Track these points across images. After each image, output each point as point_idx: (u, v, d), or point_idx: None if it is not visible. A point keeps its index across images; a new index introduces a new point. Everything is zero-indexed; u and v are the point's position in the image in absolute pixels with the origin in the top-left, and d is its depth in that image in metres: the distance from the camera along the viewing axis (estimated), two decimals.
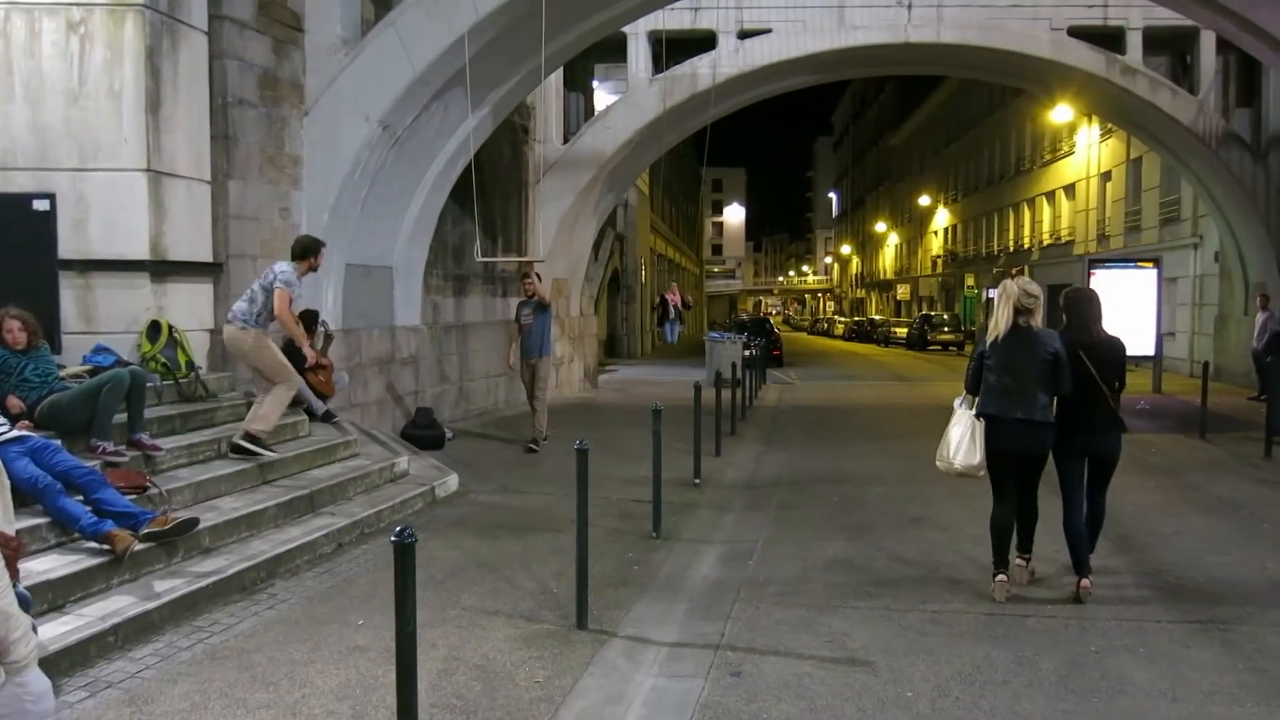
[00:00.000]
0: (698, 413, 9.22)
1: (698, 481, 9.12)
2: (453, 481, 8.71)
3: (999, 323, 5.60)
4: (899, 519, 7.90)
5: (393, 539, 3.36)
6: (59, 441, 5.82)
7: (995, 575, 5.73)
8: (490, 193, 15.00)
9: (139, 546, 5.36)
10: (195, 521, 5.76)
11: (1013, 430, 5.59)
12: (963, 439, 5.77)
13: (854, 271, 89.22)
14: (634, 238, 35.29)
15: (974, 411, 5.75)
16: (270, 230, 9.24)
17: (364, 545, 6.79)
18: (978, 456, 5.71)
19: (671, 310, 23.50)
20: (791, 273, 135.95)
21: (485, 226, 14.77)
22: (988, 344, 5.66)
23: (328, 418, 9.20)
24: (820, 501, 8.64)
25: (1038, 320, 5.61)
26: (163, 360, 7.83)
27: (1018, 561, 5.93)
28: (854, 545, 7.02)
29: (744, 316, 50.39)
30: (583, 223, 18.47)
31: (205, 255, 8.70)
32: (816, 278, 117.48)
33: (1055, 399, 5.58)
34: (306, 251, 7.50)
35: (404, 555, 3.36)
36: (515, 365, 10.91)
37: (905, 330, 46.33)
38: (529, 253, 16.46)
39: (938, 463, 5.93)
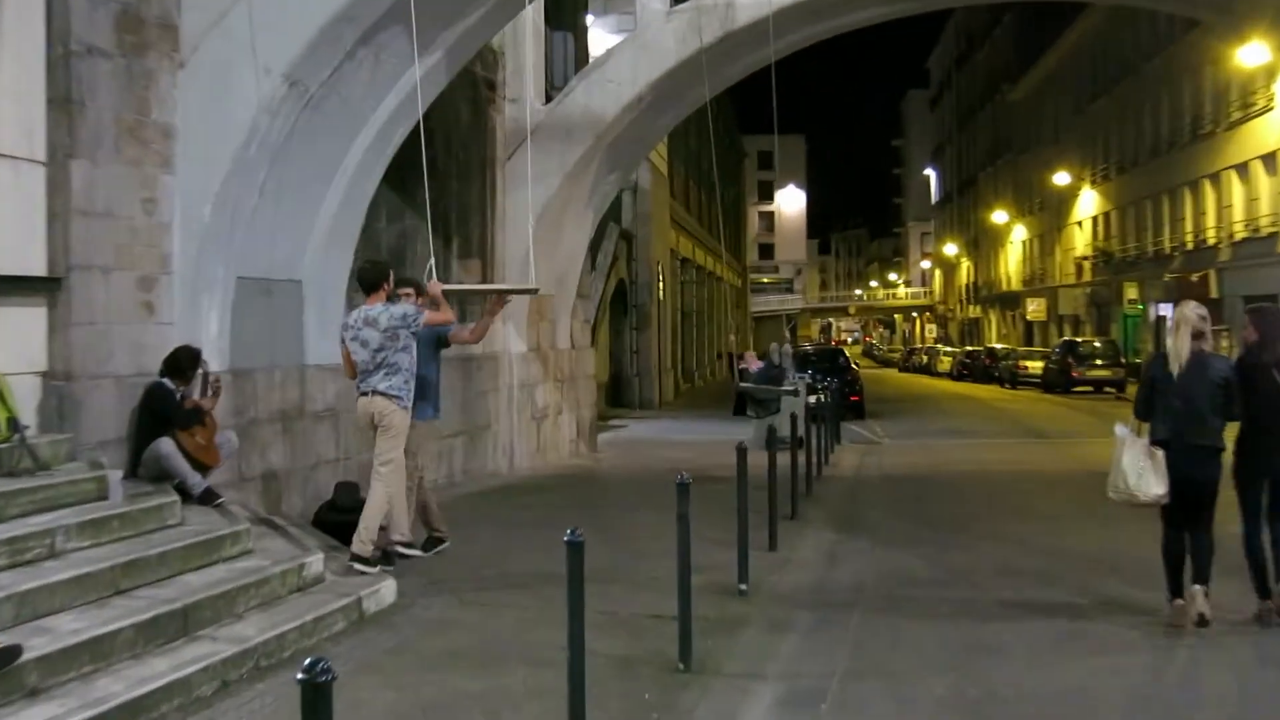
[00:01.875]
0: (743, 487, 9.17)
1: (744, 588, 9.06)
2: (388, 590, 8.64)
3: (1180, 350, 7.73)
4: (1039, 638, 7.83)
5: (300, 677, 3.29)
6: None
7: (1173, 600, 7.85)
8: (442, 174, 15.08)
9: None
10: (18, 650, 5.70)
11: (1188, 456, 7.70)
12: (1143, 468, 7.72)
13: (963, 281, 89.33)
14: (647, 235, 35.49)
15: (1146, 439, 7.80)
16: (129, 231, 9.27)
17: (260, 684, 6.70)
18: (1163, 486, 7.68)
19: (752, 368, 21.24)
20: (874, 283, 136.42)
21: (436, 223, 14.82)
22: (1166, 371, 7.78)
23: (208, 498, 9.16)
24: (923, 615, 8.55)
25: (1209, 344, 7.83)
26: None
27: (1196, 587, 7.76)
28: (976, 680, 6.93)
29: (807, 346, 50.42)
30: (574, 215, 18.55)
31: (37, 266, 8.69)
32: (910, 290, 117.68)
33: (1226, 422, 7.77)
34: (376, 281, 9.09)
35: (317, 702, 3.29)
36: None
37: (1040, 365, 46.28)
38: (500, 266, 16.51)
39: (1111, 493, 7.92)
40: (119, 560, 7.27)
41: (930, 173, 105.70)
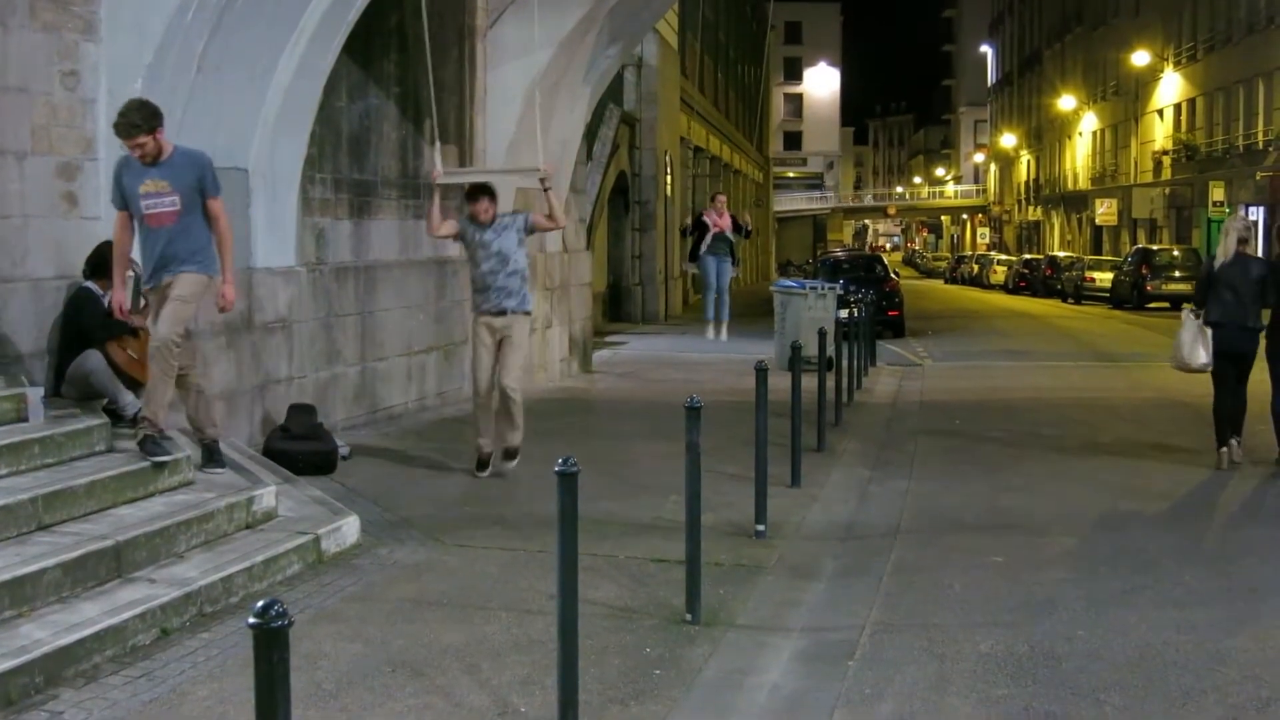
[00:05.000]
0: (762, 413, 9.23)
1: (762, 529, 9.15)
2: (350, 528, 8.74)
3: (1228, 249, 11.62)
4: (1101, 590, 7.92)
5: (252, 622, 3.35)
6: None
7: (1219, 448, 11.83)
8: (413, 43, 14.97)
9: None
10: None
11: (1234, 335, 11.59)
12: (1195, 343, 11.75)
13: (1022, 178, 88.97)
14: (653, 120, 35.26)
15: (1201, 320, 11.74)
16: (47, 109, 9.25)
17: (205, 632, 6.80)
18: (1208, 357, 11.71)
19: (709, 237, 21.97)
20: (918, 180, 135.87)
21: (404, 102, 14.78)
22: (1216, 266, 11.70)
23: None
24: (967, 562, 8.64)
25: (1250, 248, 11.89)
26: None
27: (1232, 441, 11.81)
28: (1025, 636, 7.01)
29: (839, 253, 50.46)
30: (567, 95, 18.43)
31: None
32: (960, 189, 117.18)
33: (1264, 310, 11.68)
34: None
35: (271, 650, 3.36)
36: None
37: (1109, 276, 46.21)
38: (480, 154, 16.45)
39: (1170, 362, 12.43)
40: (41, 491, 7.35)
41: (986, 50, 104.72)
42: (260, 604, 3.38)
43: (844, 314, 19.11)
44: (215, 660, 6.41)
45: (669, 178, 37.90)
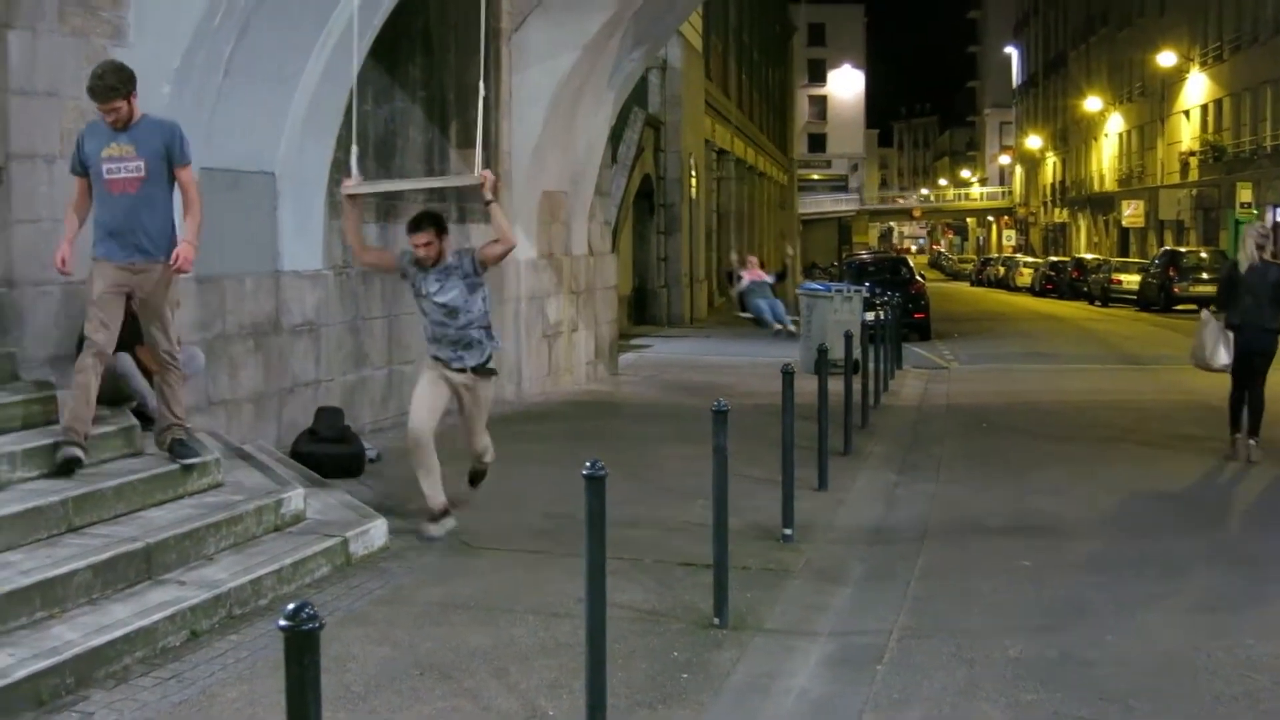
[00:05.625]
0: (789, 418, 9.22)
1: (789, 533, 9.15)
2: (379, 531, 8.77)
3: (1250, 253, 12.24)
4: (1130, 595, 7.90)
5: (283, 624, 3.37)
6: None
7: (1233, 434, 12.57)
8: (438, 47, 15.02)
9: None
10: None
11: (1253, 336, 12.23)
12: (1217, 344, 12.43)
13: (1048, 180, 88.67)
14: (678, 123, 35.29)
15: (1222, 322, 12.46)
16: (76, 112, 9.28)
17: (234, 634, 6.84)
18: (1229, 358, 12.37)
19: (747, 282, 23.49)
20: (943, 181, 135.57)
21: (431, 106, 14.81)
22: (1239, 273, 12.31)
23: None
24: (995, 566, 8.64)
25: (1268, 253, 12.33)
26: None
27: (1250, 442, 12.38)
28: (1054, 641, 7.01)
29: (864, 255, 50.33)
30: (590, 98, 18.46)
31: None
32: (985, 190, 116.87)
33: None
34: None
35: (302, 652, 3.37)
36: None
37: (1136, 278, 46.02)
38: (505, 156, 16.48)
39: (1190, 360, 13.13)
40: (71, 493, 7.40)
41: (1012, 51, 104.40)
42: (291, 606, 3.39)
43: (870, 317, 19.09)
44: (245, 662, 6.45)
45: (694, 180, 37.90)
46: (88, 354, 7.87)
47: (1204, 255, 43.52)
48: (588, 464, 5.47)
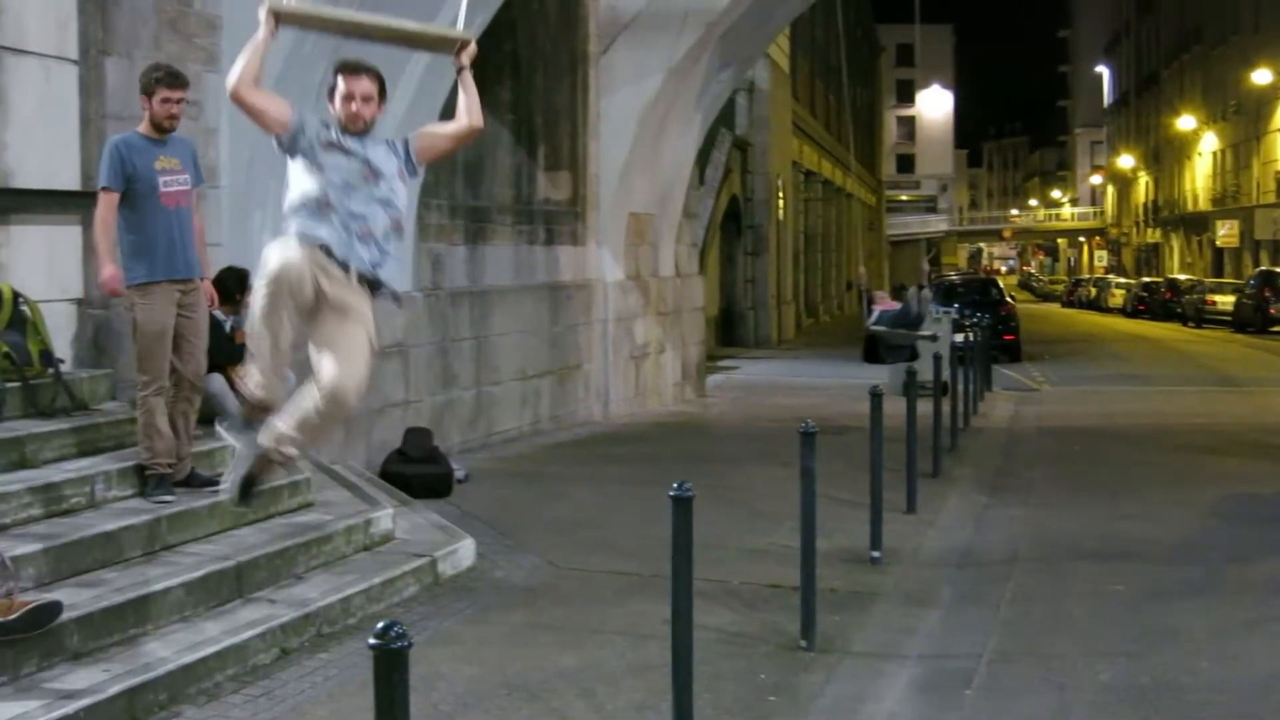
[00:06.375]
0: (877, 439, 9.17)
1: (877, 556, 9.09)
2: (466, 551, 8.80)
3: None
4: (1226, 620, 7.76)
5: (372, 643, 3.38)
6: None
7: None
8: (526, 70, 15.12)
9: None
10: (57, 608, 5.91)
11: None
12: None
13: (1140, 200, 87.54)
14: (765, 144, 35.29)
15: None
16: None
17: (323, 653, 6.88)
18: None
19: (876, 312, 22.97)
20: (1033, 202, 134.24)
21: (518, 128, 14.90)
22: None
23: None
24: (1087, 590, 8.52)
25: None
26: (4, 349, 8.06)
27: None
28: (1146, 666, 6.90)
29: (953, 276, 49.84)
30: (678, 120, 18.49)
31: (70, 179, 8.92)
32: (1076, 211, 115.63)
33: None
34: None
35: (390, 671, 3.38)
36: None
37: (1231, 299, 45.32)
38: (593, 179, 16.54)
39: None
40: (164, 512, 7.50)
41: (1103, 70, 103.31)
42: (380, 625, 3.40)
43: (959, 338, 18.95)
44: (334, 680, 6.48)
45: (781, 202, 37.85)
46: (151, 395, 7.72)
47: None
48: (675, 485, 5.46)
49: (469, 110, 6.73)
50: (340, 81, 6.43)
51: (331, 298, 6.14)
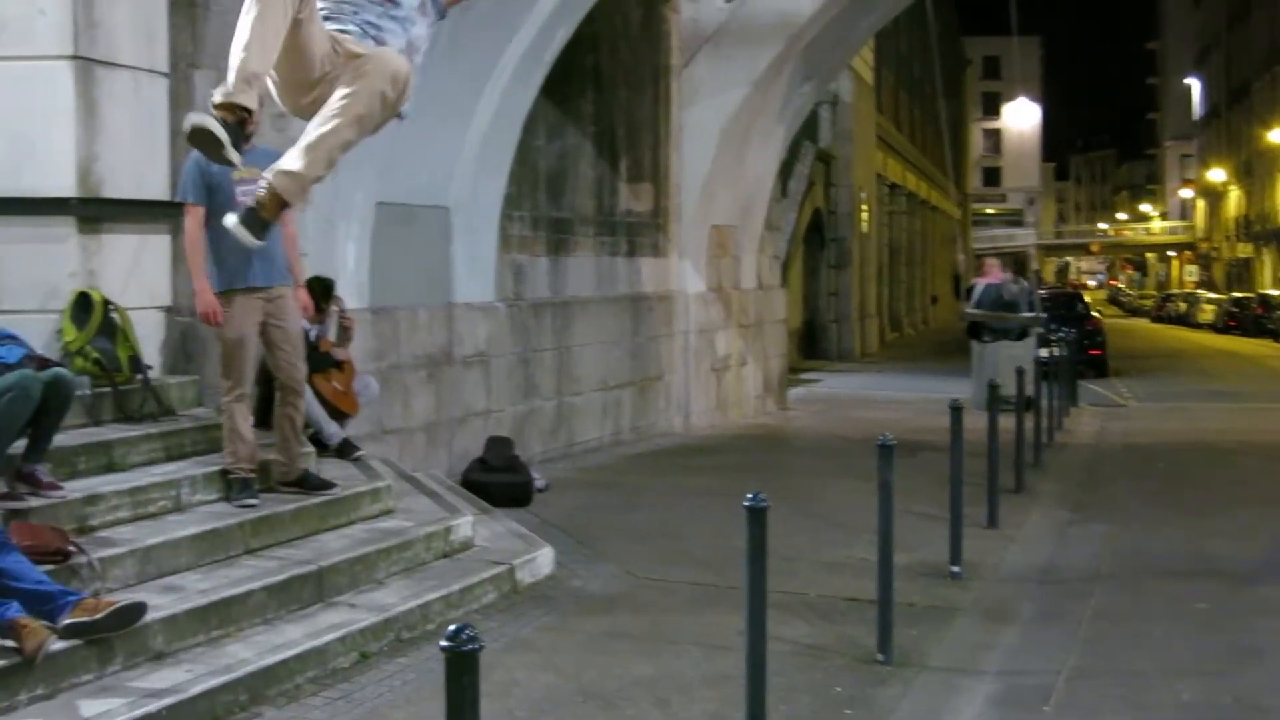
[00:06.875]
0: (958, 452, 9.11)
1: (957, 570, 9.02)
2: (545, 559, 8.85)
3: None
4: None
5: (444, 644, 3.42)
6: None
7: None
8: (608, 83, 15.19)
9: (57, 644, 5.64)
10: (141, 608, 6.02)
11: None
12: None
13: (1232, 214, 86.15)
14: (849, 157, 35.16)
15: None
16: None
17: (402, 657, 6.95)
18: None
19: (979, 285, 21.47)
20: (1122, 215, 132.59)
21: (600, 140, 14.97)
22: None
23: (346, 450, 9.49)
24: (1169, 609, 8.43)
25: None
26: (95, 355, 8.23)
27: None
28: (1229, 686, 6.82)
29: (1040, 290, 49.29)
30: (761, 133, 18.49)
31: (160, 190, 9.09)
32: (1166, 225, 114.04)
33: None
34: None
35: (461, 673, 3.42)
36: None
37: None
38: (674, 191, 16.57)
39: None
40: (249, 516, 7.61)
41: (1193, 82, 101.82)
42: (452, 628, 3.44)
43: (1044, 353, 18.77)
44: (412, 685, 6.54)
45: (865, 214, 37.69)
46: (234, 401, 7.86)
47: None
48: (749, 495, 5.47)
49: None
50: None
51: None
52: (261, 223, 5.37)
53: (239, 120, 5.19)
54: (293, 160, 5.43)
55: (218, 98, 5.04)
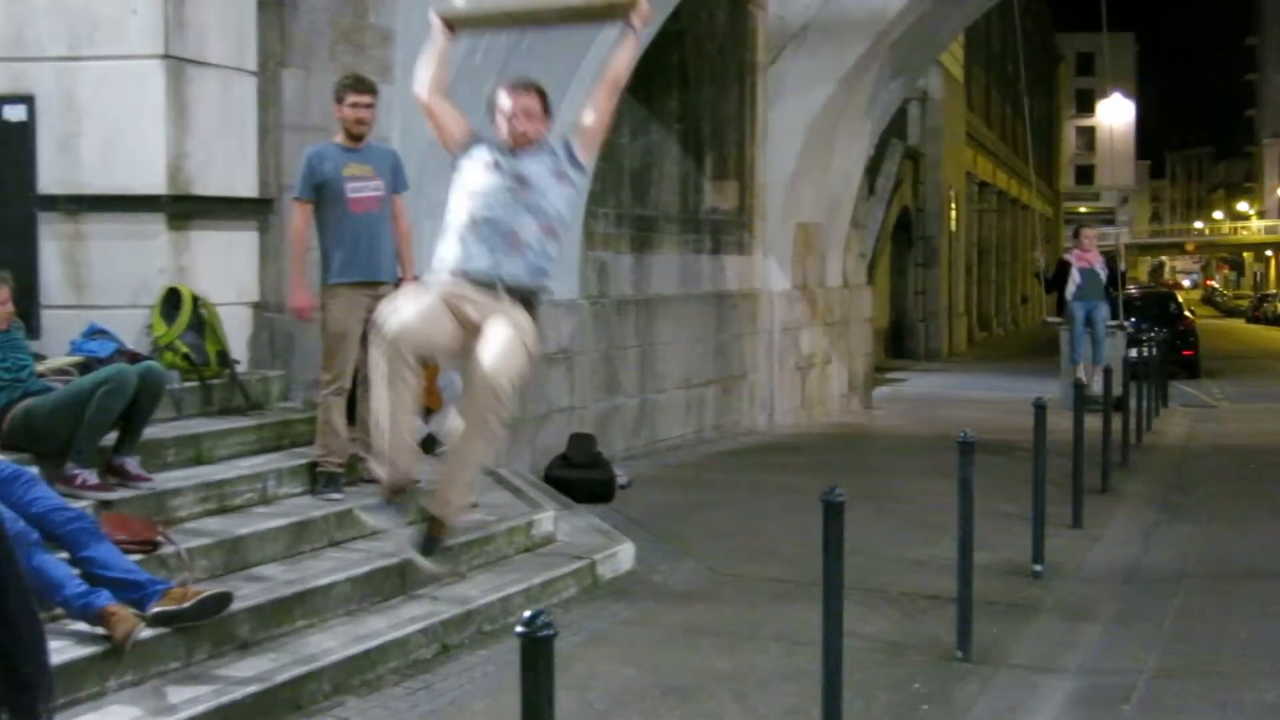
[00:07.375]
0: (1041, 449, 9.04)
1: (1039, 569, 8.96)
2: (626, 555, 8.91)
3: None
4: None
5: (519, 631, 3.44)
6: (35, 469, 6.35)
7: None
8: (694, 80, 15.22)
9: (146, 632, 5.78)
10: (228, 598, 6.16)
11: None
12: None
13: None
14: (938, 154, 34.90)
15: None
16: None
17: (483, 649, 7.04)
18: None
19: (1077, 277, 19.40)
20: (1218, 214, 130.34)
21: (685, 138, 15.00)
22: None
23: (429, 445, 9.54)
24: (1256, 610, 8.33)
25: None
26: (184, 350, 8.41)
27: None
28: None
29: (1132, 290, 48.65)
30: (847, 130, 18.42)
31: (248, 187, 9.27)
32: (1264, 224, 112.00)
33: None
34: None
35: (536, 659, 3.45)
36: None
37: None
38: (760, 189, 16.58)
39: None
40: (333, 510, 7.76)
41: None
42: (527, 614, 3.45)
43: (1134, 353, 18.53)
44: (492, 677, 6.62)
45: (953, 213, 37.42)
46: (331, 394, 7.99)
47: None
48: (825, 489, 5.48)
49: (612, 65, 6.40)
50: (502, 97, 6.31)
51: (480, 322, 6.00)
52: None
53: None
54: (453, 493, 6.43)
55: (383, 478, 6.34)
